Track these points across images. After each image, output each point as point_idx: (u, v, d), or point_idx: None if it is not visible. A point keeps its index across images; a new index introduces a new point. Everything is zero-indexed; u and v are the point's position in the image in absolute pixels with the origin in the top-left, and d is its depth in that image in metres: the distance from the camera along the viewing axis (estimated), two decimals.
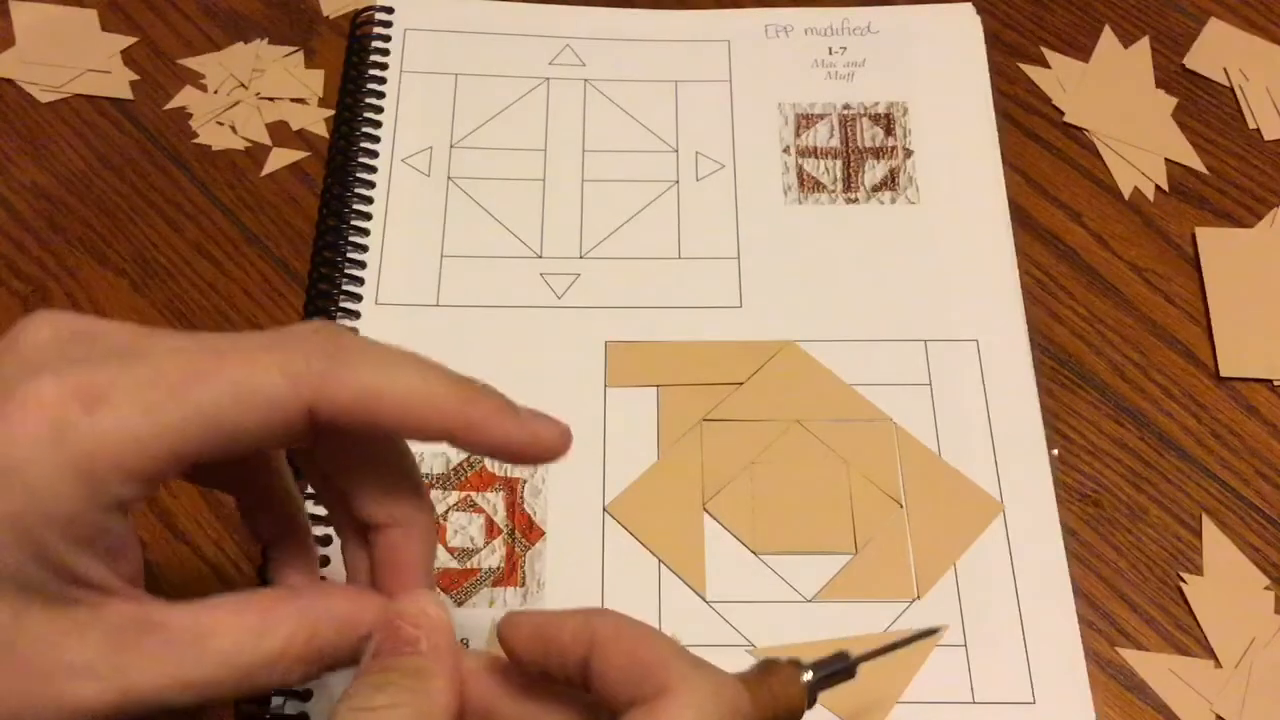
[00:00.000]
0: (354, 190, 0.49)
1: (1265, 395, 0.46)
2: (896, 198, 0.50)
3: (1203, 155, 0.51)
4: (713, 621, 0.40)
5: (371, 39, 0.53)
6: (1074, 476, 0.44)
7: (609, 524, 0.42)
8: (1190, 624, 0.41)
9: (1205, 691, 0.40)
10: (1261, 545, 0.42)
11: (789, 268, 0.48)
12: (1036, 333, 0.46)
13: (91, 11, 0.55)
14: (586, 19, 0.54)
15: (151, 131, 0.51)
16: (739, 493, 0.43)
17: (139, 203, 0.50)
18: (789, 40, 0.54)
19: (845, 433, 0.44)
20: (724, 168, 0.50)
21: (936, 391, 0.45)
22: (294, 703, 0.38)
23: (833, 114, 0.52)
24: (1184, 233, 0.49)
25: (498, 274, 0.47)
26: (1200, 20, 0.55)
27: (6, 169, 0.50)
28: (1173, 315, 0.47)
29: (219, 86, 0.53)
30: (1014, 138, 0.52)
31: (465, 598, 0.41)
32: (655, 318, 0.46)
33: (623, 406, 0.44)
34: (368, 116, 0.51)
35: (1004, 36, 0.55)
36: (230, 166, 0.51)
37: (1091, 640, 0.40)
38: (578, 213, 0.49)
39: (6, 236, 0.49)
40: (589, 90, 0.52)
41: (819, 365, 0.45)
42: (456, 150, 0.50)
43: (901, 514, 0.42)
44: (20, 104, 0.52)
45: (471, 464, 0.43)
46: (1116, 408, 0.45)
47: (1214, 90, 0.53)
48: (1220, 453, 0.44)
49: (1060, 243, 0.49)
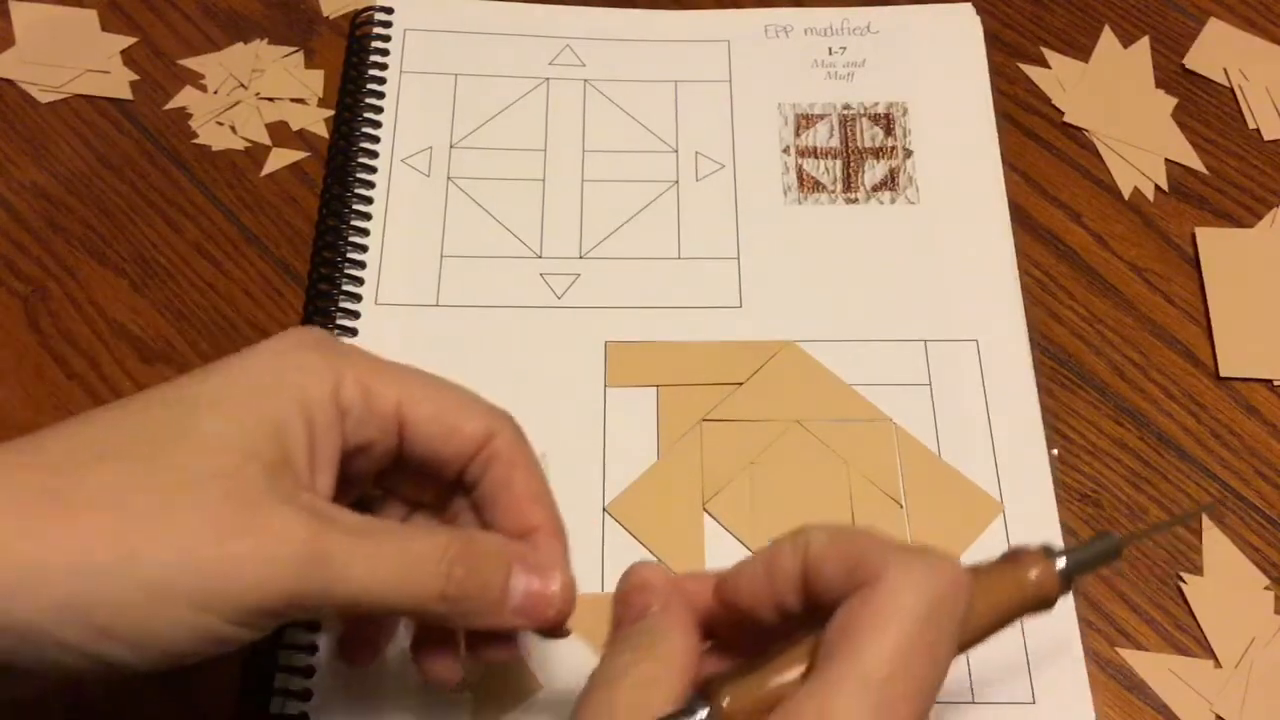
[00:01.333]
0: (354, 190, 0.49)
1: (1265, 395, 0.46)
2: (896, 198, 0.50)
3: (1202, 155, 0.51)
4: None
5: (371, 39, 0.53)
6: (1074, 476, 0.44)
7: (609, 524, 0.42)
8: (1190, 624, 0.41)
9: (1205, 691, 0.40)
10: (1261, 545, 0.42)
11: (789, 268, 0.48)
12: (1036, 333, 0.46)
13: (91, 11, 0.55)
14: (586, 19, 0.54)
15: (151, 132, 0.51)
16: (739, 493, 0.43)
17: (139, 203, 0.50)
18: (789, 40, 0.54)
19: (845, 433, 0.44)
20: (724, 168, 0.50)
21: (936, 391, 0.45)
22: (294, 703, 0.38)
23: (832, 114, 0.52)
24: (1184, 233, 0.49)
25: (498, 274, 0.47)
26: (1200, 20, 0.55)
27: (6, 169, 0.50)
28: (1173, 315, 0.47)
29: (219, 87, 0.53)
30: (1014, 138, 0.52)
31: None
32: (655, 318, 0.46)
33: (623, 406, 0.44)
34: (367, 117, 0.51)
35: (1004, 36, 0.55)
36: (230, 167, 0.51)
37: (1091, 640, 0.40)
38: (578, 213, 0.49)
39: (6, 236, 0.49)
40: (589, 90, 0.52)
41: (819, 365, 0.45)
42: (456, 150, 0.50)
43: (901, 514, 0.42)
44: (20, 104, 0.52)
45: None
46: (1116, 408, 0.45)
47: (1214, 90, 0.53)
48: (1220, 453, 0.44)
49: (1060, 243, 0.49)
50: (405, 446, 0.32)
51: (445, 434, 0.32)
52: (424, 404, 0.32)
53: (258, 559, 0.27)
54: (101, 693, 0.39)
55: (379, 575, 0.28)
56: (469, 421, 0.32)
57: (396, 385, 0.31)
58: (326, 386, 0.30)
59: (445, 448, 0.32)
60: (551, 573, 0.32)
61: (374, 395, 0.31)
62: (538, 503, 0.33)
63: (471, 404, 0.33)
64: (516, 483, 0.33)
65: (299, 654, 0.39)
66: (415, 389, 0.32)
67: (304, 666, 0.39)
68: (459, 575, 0.30)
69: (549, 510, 0.34)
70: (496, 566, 0.31)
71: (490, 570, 0.30)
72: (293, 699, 0.38)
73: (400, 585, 0.29)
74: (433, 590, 0.29)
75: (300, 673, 0.39)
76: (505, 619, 0.31)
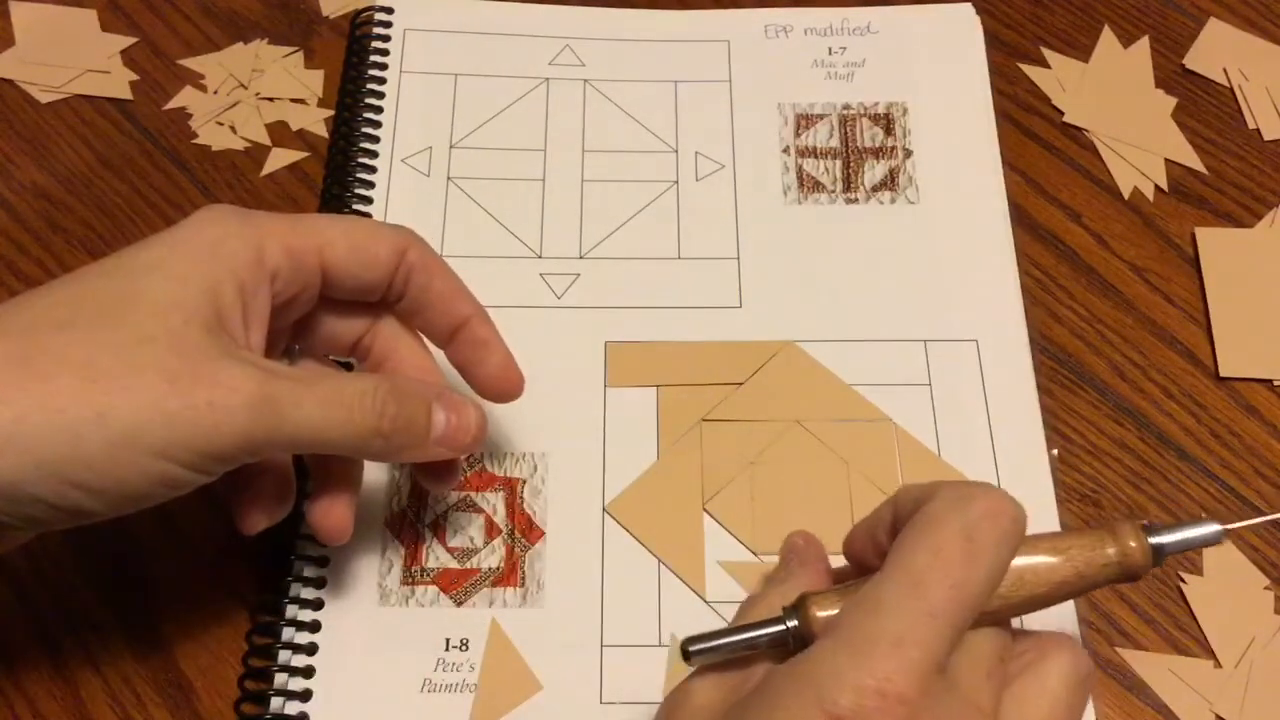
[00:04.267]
0: (354, 190, 0.49)
1: (1265, 395, 0.46)
2: (896, 198, 0.50)
3: (1202, 155, 0.51)
4: (712, 621, 0.40)
5: (371, 39, 0.53)
6: (1074, 476, 0.44)
7: (609, 524, 0.42)
8: (1190, 624, 0.41)
9: (1205, 691, 0.40)
10: (1261, 545, 0.42)
11: (789, 268, 0.48)
12: (1036, 333, 0.46)
13: (91, 11, 0.55)
14: (586, 19, 0.54)
15: (151, 131, 0.51)
16: (739, 493, 0.43)
17: (139, 203, 0.50)
18: (789, 40, 0.54)
19: (845, 433, 0.44)
20: (724, 168, 0.50)
21: (936, 391, 0.45)
22: (294, 703, 0.38)
23: (832, 114, 0.52)
24: (1184, 233, 0.49)
25: (498, 274, 0.47)
26: (1200, 20, 0.55)
27: (6, 169, 0.50)
28: (1173, 315, 0.47)
29: (219, 87, 0.53)
30: (1014, 138, 0.52)
31: (465, 598, 0.41)
32: (655, 318, 0.46)
33: (623, 406, 0.44)
34: (367, 117, 0.51)
35: (1004, 36, 0.55)
36: (230, 167, 0.51)
37: (1091, 640, 0.40)
38: (578, 213, 0.49)
39: (6, 236, 0.49)
40: (589, 90, 0.52)
41: (819, 365, 0.45)
42: (456, 150, 0.50)
43: None
44: (20, 104, 0.52)
45: (471, 464, 0.43)
46: (1116, 408, 0.45)
47: (1214, 90, 0.53)
48: (1220, 453, 0.44)
49: (1060, 243, 0.49)
50: (331, 285, 0.36)
51: (365, 263, 0.36)
52: (339, 244, 0.35)
53: (216, 407, 0.30)
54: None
55: (323, 413, 0.32)
56: (381, 245, 0.36)
57: (313, 236, 0.35)
58: (252, 252, 0.33)
59: (367, 273, 0.36)
60: (465, 407, 0.36)
61: (296, 251, 0.35)
62: (461, 296, 0.38)
63: (377, 229, 0.37)
64: (437, 284, 0.38)
65: (299, 654, 0.39)
66: (329, 234, 0.35)
67: (304, 667, 0.39)
68: (391, 412, 0.34)
69: (472, 300, 0.39)
70: (420, 404, 0.35)
71: (414, 407, 0.35)
72: (293, 699, 0.38)
73: (342, 424, 0.33)
74: (370, 426, 0.33)
75: (300, 673, 0.39)
76: (429, 450, 0.36)
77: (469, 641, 0.40)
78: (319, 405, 0.32)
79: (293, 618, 0.40)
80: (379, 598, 0.40)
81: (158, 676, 0.40)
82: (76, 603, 0.41)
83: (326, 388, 0.33)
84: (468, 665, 0.39)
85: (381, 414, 0.34)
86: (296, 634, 0.39)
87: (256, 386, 0.31)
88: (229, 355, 0.31)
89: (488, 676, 0.39)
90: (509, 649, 0.40)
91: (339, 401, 0.33)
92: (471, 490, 0.43)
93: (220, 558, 0.42)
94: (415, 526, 0.42)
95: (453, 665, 0.39)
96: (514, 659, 0.39)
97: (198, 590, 0.41)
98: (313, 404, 0.32)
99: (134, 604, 0.41)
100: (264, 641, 0.39)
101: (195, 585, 0.41)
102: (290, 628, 0.40)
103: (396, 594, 0.41)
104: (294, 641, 0.39)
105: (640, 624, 0.40)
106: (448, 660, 0.39)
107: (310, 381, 0.33)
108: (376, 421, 0.33)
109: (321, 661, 0.39)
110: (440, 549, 0.41)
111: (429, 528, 0.42)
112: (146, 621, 0.41)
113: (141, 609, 0.41)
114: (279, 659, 0.39)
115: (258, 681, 0.39)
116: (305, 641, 0.39)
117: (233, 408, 0.31)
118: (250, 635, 0.40)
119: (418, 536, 0.42)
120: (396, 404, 0.34)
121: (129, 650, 0.40)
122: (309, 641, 0.39)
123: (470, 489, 0.43)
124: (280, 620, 0.40)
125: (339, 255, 0.35)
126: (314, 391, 0.32)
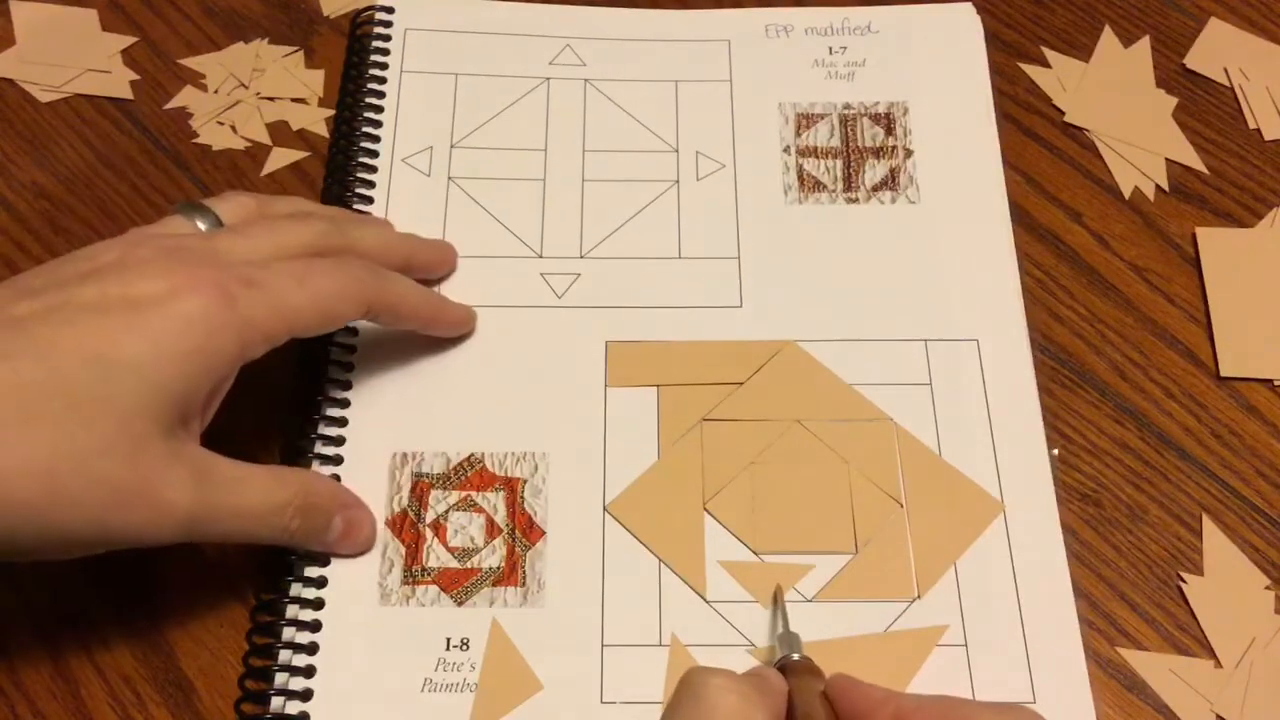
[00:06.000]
0: (354, 190, 0.49)
1: (1265, 395, 0.46)
2: (897, 197, 0.50)
3: (1203, 155, 0.51)
4: (713, 621, 0.40)
5: (371, 39, 0.53)
6: (1074, 476, 0.44)
7: (609, 524, 0.42)
8: (1190, 624, 0.41)
9: (1205, 691, 0.40)
10: (1261, 545, 0.42)
11: (789, 268, 0.48)
12: (1036, 333, 0.46)
13: (91, 11, 0.55)
14: (586, 19, 0.54)
15: (151, 131, 0.52)
16: (739, 493, 0.43)
17: (139, 203, 0.50)
18: (789, 40, 0.54)
19: (845, 433, 0.44)
20: (724, 168, 0.50)
21: (936, 391, 0.45)
22: (295, 703, 0.38)
23: (833, 114, 0.52)
24: (1184, 233, 0.49)
25: (498, 274, 0.47)
26: (1200, 20, 0.55)
27: (6, 169, 0.50)
28: (1173, 315, 0.47)
29: (219, 86, 0.53)
30: (1014, 137, 0.52)
31: (465, 597, 0.41)
32: (655, 318, 0.46)
33: (623, 406, 0.44)
34: (368, 116, 0.51)
35: (1004, 36, 0.55)
36: (230, 166, 0.51)
37: (1091, 640, 0.40)
38: (578, 213, 0.49)
39: (6, 236, 0.49)
40: (589, 90, 0.52)
41: (819, 365, 0.45)
42: (457, 150, 0.50)
43: (902, 514, 0.42)
44: (20, 104, 0.52)
45: (472, 464, 0.43)
46: (1116, 408, 0.45)
47: (1214, 90, 0.53)
48: (1220, 453, 0.44)
49: (1060, 243, 0.49)
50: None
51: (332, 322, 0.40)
52: (307, 313, 0.38)
53: (149, 524, 0.35)
54: None
55: (239, 526, 0.37)
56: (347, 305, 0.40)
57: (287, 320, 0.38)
58: (236, 349, 0.36)
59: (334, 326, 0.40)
60: (362, 514, 0.41)
61: (273, 336, 0.38)
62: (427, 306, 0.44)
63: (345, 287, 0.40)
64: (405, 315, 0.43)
65: (300, 653, 0.39)
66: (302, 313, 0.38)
67: (305, 666, 0.39)
68: (295, 527, 0.38)
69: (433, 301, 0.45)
70: (326, 516, 0.40)
71: (318, 520, 0.39)
72: (293, 698, 0.38)
73: (254, 534, 0.38)
74: (278, 535, 0.38)
75: (301, 672, 0.39)
76: (330, 548, 0.41)
77: (469, 641, 0.40)
78: (237, 519, 0.37)
79: (293, 617, 0.40)
80: (380, 597, 0.40)
81: (158, 676, 0.40)
82: (76, 603, 0.41)
83: (247, 501, 0.37)
84: (468, 665, 0.39)
85: (287, 528, 0.38)
86: (297, 633, 0.39)
87: (187, 508, 0.35)
88: (177, 462, 0.35)
89: (488, 676, 0.39)
90: (510, 649, 0.40)
91: (253, 515, 0.37)
92: (472, 490, 0.43)
93: (221, 557, 0.42)
94: (416, 526, 0.42)
95: (453, 665, 0.39)
96: (514, 659, 0.39)
97: (198, 590, 0.41)
98: (231, 520, 0.37)
99: (134, 604, 0.41)
100: (264, 641, 0.39)
101: (196, 585, 0.41)
102: (291, 627, 0.40)
103: (397, 594, 0.41)
104: (295, 641, 0.39)
105: (641, 624, 0.40)
106: (448, 660, 0.39)
107: (236, 489, 0.37)
108: (283, 535, 0.38)
109: (322, 661, 0.39)
110: (441, 549, 0.41)
111: (429, 527, 0.42)
112: (147, 621, 0.41)
113: (142, 609, 0.41)
114: (280, 658, 0.39)
115: (258, 681, 0.39)
116: (306, 641, 0.39)
117: (163, 526, 0.35)
118: (251, 635, 0.40)
119: (418, 536, 0.42)
120: (302, 518, 0.39)
121: (129, 650, 0.40)
122: (310, 641, 0.39)
123: (471, 489, 0.43)
124: (281, 620, 0.40)
125: (308, 324, 0.39)
126: (234, 505, 0.37)
